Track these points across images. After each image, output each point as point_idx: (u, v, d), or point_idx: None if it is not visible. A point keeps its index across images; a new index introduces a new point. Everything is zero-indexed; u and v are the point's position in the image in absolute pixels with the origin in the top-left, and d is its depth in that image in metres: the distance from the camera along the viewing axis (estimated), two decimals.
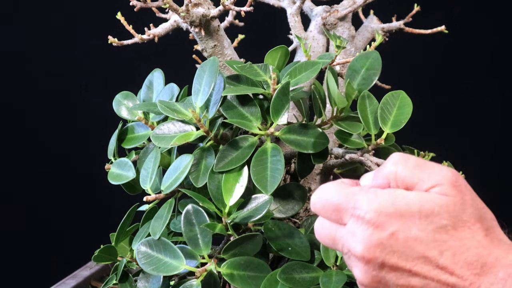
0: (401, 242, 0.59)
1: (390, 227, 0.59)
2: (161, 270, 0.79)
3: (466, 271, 0.59)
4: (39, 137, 1.75)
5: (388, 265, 0.59)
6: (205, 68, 0.82)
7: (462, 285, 0.59)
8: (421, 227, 0.59)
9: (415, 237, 0.59)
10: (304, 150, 0.81)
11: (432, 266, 0.59)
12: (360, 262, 0.60)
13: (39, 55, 1.72)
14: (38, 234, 1.77)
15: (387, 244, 0.59)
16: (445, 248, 0.59)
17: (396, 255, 0.59)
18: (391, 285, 0.60)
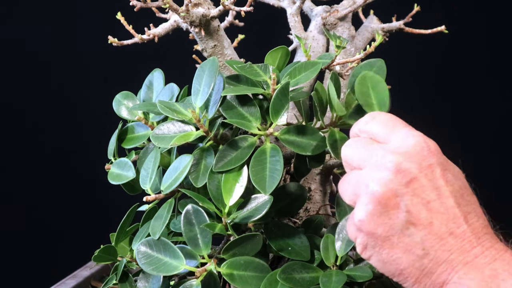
0: (436, 175, 0.63)
1: (434, 163, 0.63)
2: (161, 270, 0.79)
3: (470, 231, 0.62)
4: (39, 137, 1.75)
5: (415, 185, 0.61)
6: (204, 68, 0.82)
7: (460, 240, 0.61)
8: (454, 176, 0.64)
9: (448, 180, 0.63)
10: (302, 151, 0.81)
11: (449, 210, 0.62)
12: (390, 170, 0.62)
13: (39, 55, 1.72)
14: (38, 234, 1.77)
15: (424, 169, 0.63)
16: (465, 202, 0.63)
17: (426, 181, 0.62)
18: (401, 207, 0.61)
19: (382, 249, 0.62)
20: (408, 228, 0.61)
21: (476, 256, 0.61)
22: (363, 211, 0.62)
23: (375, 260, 0.63)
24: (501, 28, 1.70)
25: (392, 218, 0.61)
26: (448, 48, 1.65)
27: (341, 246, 0.81)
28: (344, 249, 0.80)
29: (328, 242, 0.81)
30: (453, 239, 0.61)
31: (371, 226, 0.62)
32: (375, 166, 0.63)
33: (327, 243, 0.81)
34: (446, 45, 1.62)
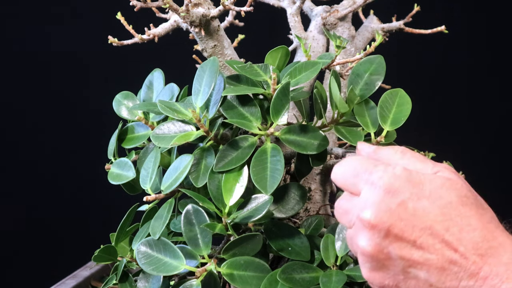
0: (409, 211, 0.59)
1: (401, 195, 0.60)
2: (161, 270, 0.79)
3: (470, 250, 0.59)
4: (39, 137, 1.75)
5: (393, 233, 0.60)
6: (205, 68, 0.82)
7: (464, 264, 0.59)
8: (430, 200, 0.60)
9: (423, 208, 0.59)
10: (303, 151, 0.81)
11: (437, 240, 0.59)
12: (366, 228, 0.60)
13: (38, 55, 1.72)
14: (38, 234, 1.77)
15: (396, 211, 0.60)
16: (452, 224, 0.59)
17: (403, 223, 0.59)
18: (393, 257, 0.60)
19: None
20: (409, 271, 0.60)
21: (486, 277, 0.59)
22: (365, 269, 0.63)
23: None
24: (501, 28, 1.70)
25: (391, 268, 0.61)
26: (448, 48, 1.65)
27: (341, 246, 0.81)
28: (344, 249, 0.80)
29: (328, 242, 0.81)
30: (455, 266, 0.59)
31: (378, 280, 0.62)
32: (355, 225, 0.63)
33: (327, 243, 0.81)
34: (446, 45, 1.62)
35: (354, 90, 0.82)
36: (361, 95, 0.82)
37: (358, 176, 0.63)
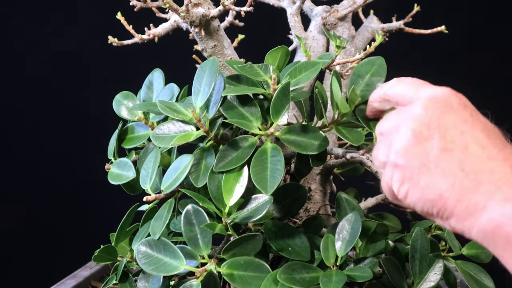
0: (465, 113, 0.64)
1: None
2: (161, 270, 0.79)
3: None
4: (39, 137, 1.75)
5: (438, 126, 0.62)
6: (205, 68, 0.82)
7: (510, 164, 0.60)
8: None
9: (478, 118, 0.64)
10: (303, 151, 0.81)
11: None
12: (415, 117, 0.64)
13: (39, 55, 1.72)
14: (38, 234, 1.77)
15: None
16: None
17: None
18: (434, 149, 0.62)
19: (419, 177, 0.62)
20: (444, 154, 0.61)
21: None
22: (398, 145, 0.64)
23: (413, 193, 0.62)
24: (501, 28, 1.70)
25: (427, 148, 0.62)
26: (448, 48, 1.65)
27: (341, 246, 0.81)
28: (344, 249, 0.80)
29: (328, 242, 0.81)
30: (492, 162, 0.60)
31: (407, 157, 0.62)
32: (405, 109, 0.65)
33: (327, 243, 0.81)
34: (446, 45, 1.61)
35: (355, 91, 0.82)
36: (362, 95, 0.82)
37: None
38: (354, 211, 0.83)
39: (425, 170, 0.62)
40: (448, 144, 0.61)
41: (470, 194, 0.59)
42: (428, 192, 0.62)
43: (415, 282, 0.85)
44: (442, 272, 0.85)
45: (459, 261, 0.90)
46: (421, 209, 0.63)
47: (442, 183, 0.61)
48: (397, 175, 0.63)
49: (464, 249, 0.92)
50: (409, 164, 0.62)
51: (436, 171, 0.61)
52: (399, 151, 0.63)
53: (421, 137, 0.62)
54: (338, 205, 0.90)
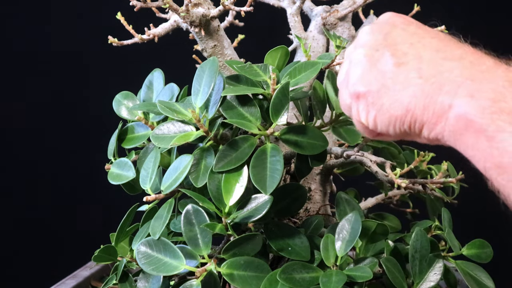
0: (411, 27, 0.64)
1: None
2: (161, 270, 0.79)
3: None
4: (39, 137, 1.75)
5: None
6: (205, 68, 0.82)
7: (471, 56, 0.59)
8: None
9: (425, 28, 0.64)
10: (302, 151, 0.81)
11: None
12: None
13: (39, 55, 1.72)
14: (38, 234, 1.77)
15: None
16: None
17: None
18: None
19: (381, 98, 0.61)
20: (398, 68, 0.60)
21: (489, 68, 0.58)
22: (354, 77, 0.63)
23: (380, 117, 0.62)
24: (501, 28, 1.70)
25: (381, 68, 0.61)
26: None
27: (341, 246, 0.81)
28: (344, 249, 0.80)
29: (328, 242, 0.81)
30: (450, 62, 0.59)
31: (364, 83, 0.62)
32: (355, 42, 0.66)
33: (327, 243, 0.81)
34: None
35: None
36: None
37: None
38: (354, 211, 0.83)
39: (385, 90, 0.61)
40: (400, 58, 0.61)
41: (434, 97, 0.58)
42: (394, 110, 0.60)
43: (415, 282, 0.85)
44: (442, 272, 0.85)
45: (459, 261, 0.90)
46: (394, 130, 0.61)
47: (404, 96, 0.59)
48: (362, 105, 0.63)
49: (464, 249, 0.92)
50: (368, 89, 0.62)
51: (395, 87, 0.60)
52: (355, 81, 0.63)
53: (373, 60, 0.62)
54: (338, 205, 0.90)
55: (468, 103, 0.56)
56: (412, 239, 0.86)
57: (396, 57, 0.61)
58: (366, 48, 0.63)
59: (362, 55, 0.63)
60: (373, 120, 0.62)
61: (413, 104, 0.59)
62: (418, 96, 0.59)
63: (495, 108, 0.54)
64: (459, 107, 0.56)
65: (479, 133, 0.55)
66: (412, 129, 0.60)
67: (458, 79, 0.57)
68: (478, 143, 0.55)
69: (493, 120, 0.54)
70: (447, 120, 0.57)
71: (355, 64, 0.63)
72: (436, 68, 0.59)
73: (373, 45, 0.62)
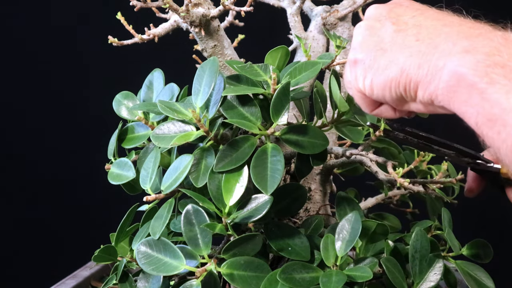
0: (415, 4, 0.65)
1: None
2: (161, 270, 0.79)
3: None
4: (39, 137, 1.75)
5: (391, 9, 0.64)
6: (205, 68, 0.82)
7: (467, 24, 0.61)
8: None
9: (428, 8, 0.64)
10: (303, 151, 0.81)
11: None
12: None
13: (39, 55, 1.72)
14: (38, 234, 1.77)
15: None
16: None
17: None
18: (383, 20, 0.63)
19: (378, 61, 0.62)
20: (397, 33, 0.61)
21: (486, 30, 0.58)
22: (354, 44, 0.65)
23: (376, 79, 0.62)
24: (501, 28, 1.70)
25: (381, 35, 0.63)
26: None
27: (341, 246, 0.81)
28: (344, 249, 0.80)
29: (328, 242, 0.81)
30: (449, 28, 0.59)
31: (363, 48, 0.63)
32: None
33: (327, 243, 0.81)
34: None
35: None
36: None
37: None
38: (354, 211, 0.83)
39: (382, 53, 0.62)
40: (400, 26, 0.62)
41: (428, 56, 0.58)
42: (389, 71, 0.61)
43: (415, 282, 0.85)
44: (442, 272, 0.85)
45: (459, 261, 0.90)
46: (390, 94, 0.62)
47: (400, 57, 0.60)
48: (359, 70, 0.63)
49: (464, 249, 0.92)
50: (367, 53, 0.63)
51: (392, 49, 0.61)
52: (355, 47, 0.64)
53: (374, 29, 0.63)
54: (338, 205, 0.90)
55: (462, 58, 0.56)
56: (412, 239, 0.86)
57: (397, 25, 0.62)
58: (369, 19, 0.65)
59: (364, 25, 0.64)
60: (370, 85, 0.63)
61: (408, 64, 0.60)
62: (413, 57, 0.59)
63: (489, 61, 0.55)
64: (452, 62, 0.56)
65: (471, 87, 0.55)
66: (408, 92, 0.60)
67: (454, 38, 0.58)
68: (471, 97, 0.55)
69: (487, 73, 0.54)
70: (441, 77, 0.57)
71: (357, 34, 0.65)
72: (435, 32, 0.60)
73: (376, 17, 0.64)
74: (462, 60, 0.56)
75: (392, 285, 0.81)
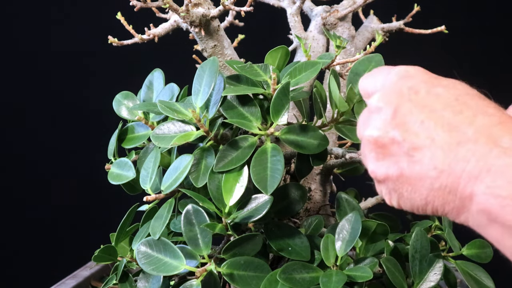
0: (421, 95, 0.59)
1: (414, 79, 0.61)
2: (161, 270, 0.79)
3: (482, 133, 0.56)
4: (39, 137, 1.75)
5: (400, 113, 0.58)
6: (205, 68, 0.82)
7: (472, 146, 0.56)
8: (446, 88, 0.60)
9: (437, 93, 0.59)
10: (303, 151, 0.81)
11: (446, 120, 0.57)
12: (373, 113, 0.60)
13: (39, 55, 1.72)
14: (38, 234, 1.77)
15: (406, 93, 0.59)
16: (466, 108, 0.58)
17: (412, 104, 0.58)
18: (398, 139, 0.58)
19: (401, 188, 0.60)
20: (413, 155, 0.58)
21: (498, 157, 0.54)
22: (370, 160, 0.61)
23: (403, 202, 0.61)
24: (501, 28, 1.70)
25: (395, 154, 0.59)
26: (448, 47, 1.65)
27: (341, 246, 0.81)
28: (344, 249, 0.80)
29: (328, 242, 0.81)
30: (463, 148, 0.55)
31: (382, 170, 0.60)
32: (363, 118, 0.63)
33: (327, 243, 0.81)
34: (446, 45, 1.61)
35: (354, 89, 0.82)
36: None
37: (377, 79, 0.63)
38: (354, 211, 0.83)
39: (403, 180, 0.59)
40: (413, 144, 0.58)
41: (453, 192, 0.56)
42: (414, 200, 0.60)
43: (415, 282, 0.85)
44: (442, 272, 0.85)
45: (459, 261, 0.90)
46: (418, 211, 0.61)
47: (421, 187, 0.58)
48: (384, 189, 0.62)
49: (464, 249, 0.92)
50: (387, 175, 0.60)
51: (411, 177, 0.58)
52: (372, 169, 0.61)
53: (385, 145, 0.59)
54: (338, 205, 0.90)
55: (488, 196, 0.54)
56: (412, 239, 0.86)
57: (409, 143, 0.58)
58: (375, 130, 0.60)
59: (373, 140, 0.60)
60: (397, 203, 0.61)
61: (432, 197, 0.58)
62: (435, 189, 0.57)
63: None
64: (480, 197, 0.54)
65: (503, 227, 0.54)
66: (436, 213, 0.59)
67: (475, 170, 0.55)
68: (504, 237, 0.55)
69: (509, 195, 0.53)
70: (469, 212, 0.56)
71: (368, 150, 0.61)
72: (450, 154, 0.56)
73: (382, 127, 0.59)
74: (488, 198, 0.54)
75: (392, 285, 0.81)
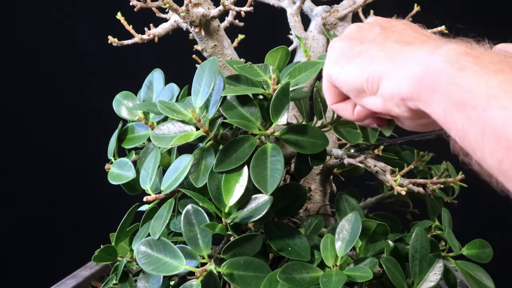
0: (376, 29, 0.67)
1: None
2: (161, 270, 0.79)
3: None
4: (39, 137, 1.75)
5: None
6: (205, 68, 0.82)
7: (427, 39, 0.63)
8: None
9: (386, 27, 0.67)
10: (303, 151, 0.81)
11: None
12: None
13: (39, 55, 1.72)
14: (38, 234, 1.77)
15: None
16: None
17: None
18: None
19: (353, 48, 0.64)
20: (380, 36, 0.64)
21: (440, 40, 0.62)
22: (344, 33, 0.68)
23: (346, 63, 0.65)
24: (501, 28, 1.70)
25: (365, 32, 0.66)
26: None
27: (341, 246, 0.81)
28: (344, 249, 0.80)
29: (328, 242, 0.81)
30: (410, 46, 0.60)
31: (347, 37, 0.66)
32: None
33: (327, 243, 0.81)
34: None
35: None
36: None
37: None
38: (354, 211, 0.83)
39: (359, 43, 0.65)
40: (386, 31, 0.64)
41: (399, 51, 0.60)
42: (358, 60, 0.64)
43: (415, 282, 0.85)
44: (442, 272, 0.85)
45: (459, 261, 0.90)
46: (352, 83, 0.64)
47: (373, 49, 0.62)
48: (335, 56, 0.66)
49: (464, 249, 0.92)
50: (345, 42, 0.66)
51: (369, 43, 0.64)
52: (340, 38, 0.67)
53: (363, 29, 0.66)
54: (338, 205, 0.90)
55: (433, 49, 0.58)
56: (412, 239, 0.86)
57: (383, 30, 0.65)
58: (366, 23, 0.68)
59: (357, 24, 0.68)
60: (338, 71, 0.65)
61: (377, 55, 0.62)
62: (384, 50, 0.62)
63: (460, 50, 0.56)
64: (423, 51, 0.58)
65: (440, 73, 0.55)
66: (370, 82, 0.63)
67: (431, 40, 0.62)
68: (439, 83, 0.55)
69: (457, 60, 0.55)
70: (409, 64, 0.59)
71: (347, 28, 0.69)
72: (415, 39, 0.63)
73: (371, 21, 0.67)
74: (433, 50, 0.57)
75: (392, 285, 0.81)
